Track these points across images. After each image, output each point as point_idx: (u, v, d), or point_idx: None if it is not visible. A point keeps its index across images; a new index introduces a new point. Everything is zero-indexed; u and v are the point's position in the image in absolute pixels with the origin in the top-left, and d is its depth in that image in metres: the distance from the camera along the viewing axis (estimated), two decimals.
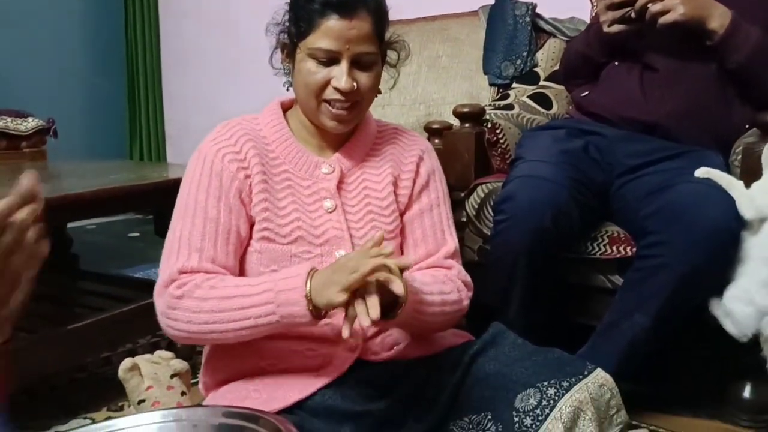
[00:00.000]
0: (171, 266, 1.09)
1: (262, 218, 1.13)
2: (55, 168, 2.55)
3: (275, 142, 1.19)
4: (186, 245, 1.10)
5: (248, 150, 1.15)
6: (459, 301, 1.19)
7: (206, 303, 1.05)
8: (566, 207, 1.47)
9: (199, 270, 1.08)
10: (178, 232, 1.12)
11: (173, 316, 1.07)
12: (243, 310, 1.03)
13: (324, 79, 1.12)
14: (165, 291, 1.08)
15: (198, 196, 1.12)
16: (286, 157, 1.18)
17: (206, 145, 1.17)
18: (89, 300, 2.06)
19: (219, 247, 1.10)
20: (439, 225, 1.25)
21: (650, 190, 1.51)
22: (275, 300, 1.01)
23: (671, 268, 1.38)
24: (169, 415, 1.00)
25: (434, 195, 1.26)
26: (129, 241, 3.87)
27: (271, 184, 1.15)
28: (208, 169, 1.14)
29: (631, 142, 1.64)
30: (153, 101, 4.42)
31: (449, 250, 1.24)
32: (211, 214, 1.11)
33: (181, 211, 1.13)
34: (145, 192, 1.84)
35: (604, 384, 1.11)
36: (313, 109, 1.15)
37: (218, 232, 1.11)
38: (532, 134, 1.77)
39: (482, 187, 1.76)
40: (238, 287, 1.05)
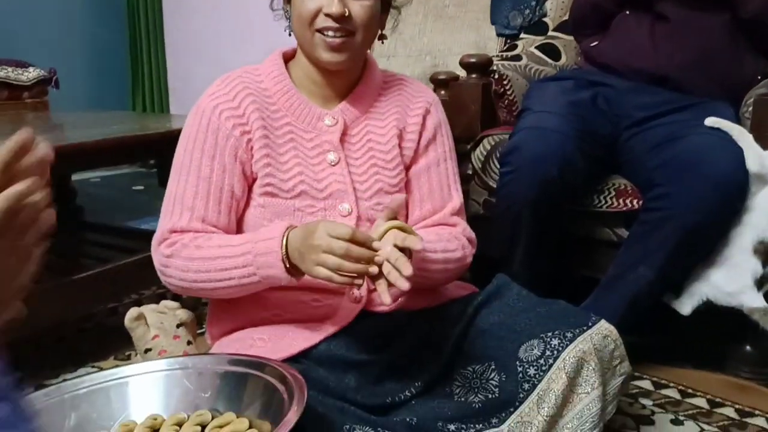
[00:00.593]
0: (164, 225, 1.10)
1: (265, 173, 1.12)
2: (58, 118, 2.54)
3: (276, 94, 1.16)
4: (179, 204, 1.10)
5: (247, 105, 1.13)
6: (463, 258, 1.20)
7: (193, 263, 1.06)
8: (573, 159, 1.45)
9: (189, 229, 1.09)
10: (173, 189, 1.12)
11: (167, 273, 1.10)
12: (226, 271, 1.05)
13: (316, 6, 1.08)
14: (158, 249, 1.10)
15: (193, 154, 1.12)
16: (288, 110, 1.16)
17: (204, 100, 1.15)
18: (95, 251, 2.07)
19: (210, 206, 1.10)
20: (445, 180, 1.24)
21: (658, 142, 1.49)
22: (254, 262, 1.02)
23: (677, 221, 1.37)
24: (175, 363, 1.01)
25: (441, 149, 1.24)
26: (133, 194, 3.87)
27: (272, 138, 1.13)
28: (205, 125, 1.12)
29: (640, 93, 1.61)
30: (155, 51, 4.37)
31: (455, 206, 1.24)
32: (204, 172, 1.11)
33: (177, 168, 1.13)
34: (148, 143, 1.83)
35: (608, 335, 1.12)
36: (308, 41, 1.11)
37: (210, 191, 1.10)
38: (540, 85, 1.75)
39: (488, 139, 1.74)
40: (220, 248, 1.06)
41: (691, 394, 1.49)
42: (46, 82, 2.86)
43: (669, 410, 1.42)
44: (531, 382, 1.06)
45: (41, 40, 3.75)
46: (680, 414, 1.40)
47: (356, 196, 1.15)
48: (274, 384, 0.90)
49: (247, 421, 0.89)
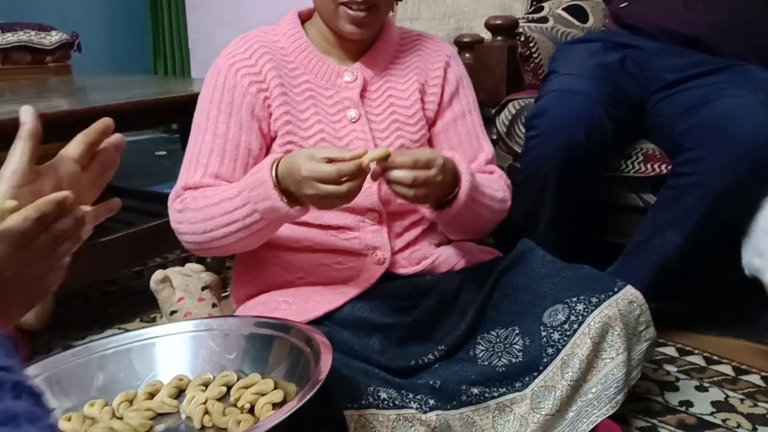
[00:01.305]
0: (178, 183, 1.11)
1: (285, 131, 1.12)
2: (81, 82, 2.54)
3: (294, 52, 1.15)
4: (195, 162, 1.10)
5: (264, 63, 1.12)
6: (505, 201, 1.19)
7: (200, 212, 1.05)
8: (600, 122, 1.42)
9: (201, 185, 1.09)
10: (191, 148, 1.12)
11: (181, 230, 1.09)
12: (229, 214, 1.03)
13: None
14: (172, 206, 1.10)
15: (210, 113, 1.11)
16: (306, 68, 1.15)
17: (221, 59, 1.14)
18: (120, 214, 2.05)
19: (225, 163, 1.10)
20: (473, 131, 1.23)
21: (688, 105, 1.46)
22: (250, 198, 1.00)
23: (706, 185, 1.34)
24: (200, 324, 1.02)
25: (465, 101, 1.23)
26: (156, 159, 3.89)
27: (291, 96, 1.13)
28: (221, 84, 1.11)
29: (671, 55, 1.57)
30: (176, 15, 4.35)
31: (487, 155, 1.23)
32: (220, 130, 1.10)
33: (195, 128, 1.13)
34: (170, 106, 1.83)
35: (634, 301, 1.11)
36: (331, 13, 1.10)
37: (226, 148, 1.10)
38: (567, 48, 1.71)
39: (514, 103, 1.72)
40: (223, 192, 1.05)
41: (717, 360, 1.48)
42: (69, 45, 2.85)
43: (694, 377, 1.41)
44: (555, 346, 1.05)
45: (63, 4, 3.74)
46: (705, 380, 1.39)
47: None
48: (300, 346, 0.90)
49: (273, 382, 0.90)
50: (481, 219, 1.14)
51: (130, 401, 0.92)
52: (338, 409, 0.92)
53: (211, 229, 1.05)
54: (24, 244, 0.55)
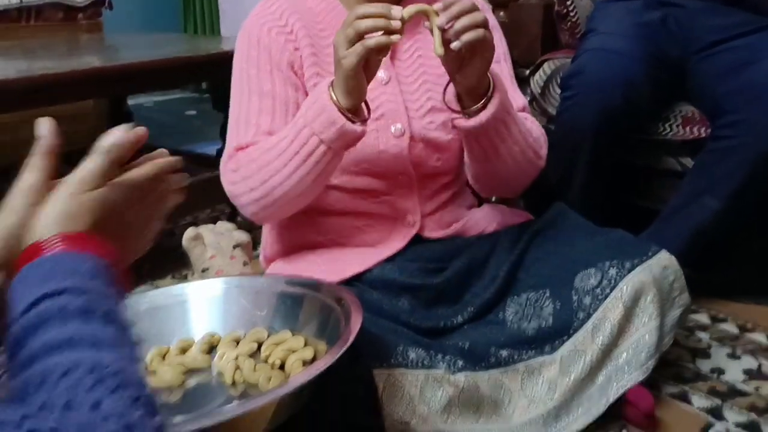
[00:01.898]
0: (229, 145, 1.08)
1: None
2: (111, 40, 2.54)
3: (322, 12, 1.13)
4: (244, 123, 1.08)
5: (294, 22, 1.10)
6: (539, 144, 1.13)
7: (256, 162, 1.02)
8: (638, 83, 1.38)
9: (254, 143, 1.06)
10: (236, 111, 1.10)
11: (236, 192, 1.05)
12: (287, 151, 0.99)
13: None
14: (225, 168, 1.07)
15: (249, 72, 1.09)
16: (335, 28, 1.10)
17: (250, 21, 1.12)
18: None
19: (277, 120, 1.07)
20: (505, 81, 1.19)
21: (730, 66, 1.41)
22: (315, 128, 0.96)
23: (748, 149, 1.30)
24: (232, 282, 1.03)
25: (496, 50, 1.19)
26: (186, 119, 3.90)
27: (321, 57, 1.10)
28: (255, 44, 1.09)
29: (714, 14, 1.51)
30: None
31: (519, 105, 1.16)
32: (265, 87, 1.08)
33: (236, 90, 1.11)
34: (200, 64, 1.82)
35: (668, 266, 1.09)
36: None
37: (275, 105, 1.07)
38: (606, 5, 1.65)
39: (549, 63, 1.68)
40: (276, 137, 1.02)
41: (750, 329, 1.46)
42: (100, 3, 2.85)
43: (726, 344, 1.39)
44: (586, 311, 1.05)
45: None
46: (738, 348, 1.37)
47: (408, 115, 1.12)
48: (330, 304, 0.91)
49: (303, 339, 0.90)
50: (513, 155, 1.08)
51: (162, 356, 0.93)
52: (367, 368, 0.92)
53: (271, 175, 1.00)
54: (141, 196, 0.63)
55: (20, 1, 2.65)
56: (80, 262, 0.52)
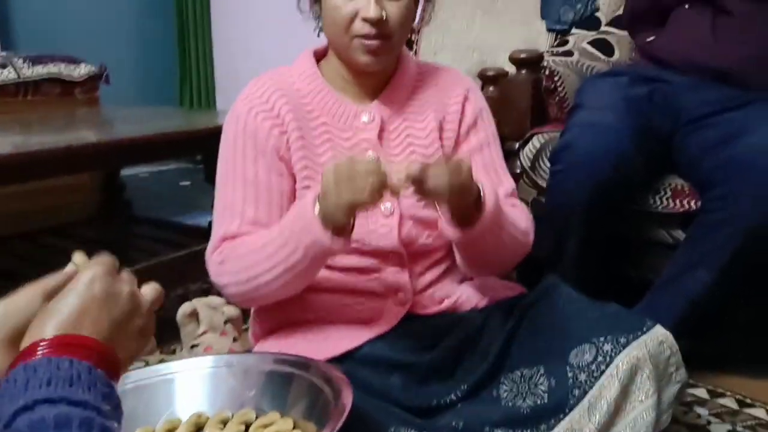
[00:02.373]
0: (215, 235, 1.09)
1: (303, 176, 1.10)
2: (108, 114, 2.58)
3: (310, 93, 1.14)
4: (229, 212, 1.09)
5: (281, 106, 1.10)
6: (527, 233, 1.15)
7: (243, 260, 1.04)
8: (629, 156, 1.40)
9: (239, 234, 1.07)
10: (221, 199, 1.11)
11: (223, 282, 1.07)
12: (273, 256, 1.01)
13: (351, 12, 1.05)
14: (211, 259, 1.08)
15: (236, 160, 1.10)
16: (322, 109, 1.13)
17: (238, 105, 1.13)
18: (142, 244, 2.09)
19: (261, 208, 1.08)
20: (491, 165, 1.19)
21: (718, 140, 1.43)
22: (299, 240, 0.98)
23: (738, 222, 1.31)
24: (220, 360, 1.01)
25: (483, 134, 1.19)
26: (180, 190, 3.91)
27: (309, 140, 1.11)
28: (242, 130, 1.10)
29: (700, 90, 1.55)
30: (203, 47, 4.42)
31: (507, 189, 1.18)
32: (249, 176, 1.09)
33: (222, 177, 1.12)
34: (194, 138, 1.84)
35: (664, 341, 1.07)
36: (345, 46, 1.09)
37: (258, 194, 1.08)
38: (593, 81, 1.69)
39: (538, 136, 1.70)
40: (263, 236, 1.04)
41: (750, 404, 1.43)
42: (97, 77, 2.90)
43: (726, 420, 1.37)
44: (582, 388, 1.02)
45: (92, 36, 3.81)
46: (738, 424, 1.35)
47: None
48: (319, 384, 0.89)
49: (292, 421, 0.88)
50: (503, 249, 1.11)
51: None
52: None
53: (256, 275, 1.03)
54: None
55: (18, 77, 2.70)
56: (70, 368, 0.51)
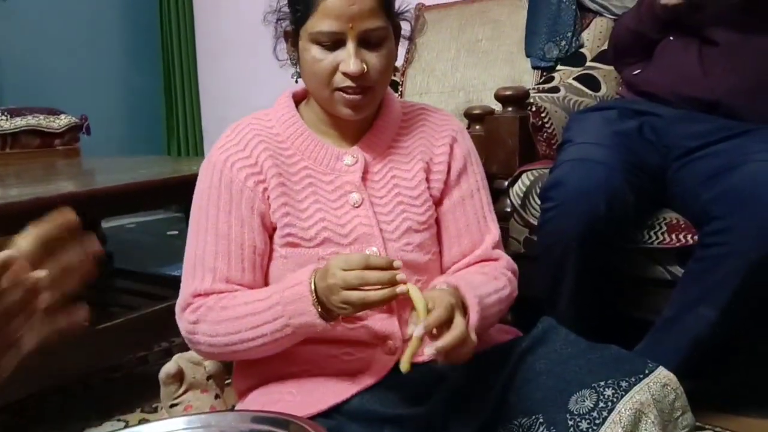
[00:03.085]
0: (186, 290, 1.05)
1: (285, 223, 1.06)
2: (89, 164, 2.55)
3: (290, 138, 1.10)
4: (200, 266, 1.05)
5: (260, 153, 1.07)
6: (511, 294, 1.13)
7: (221, 326, 1.01)
8: (621, 192, 1.37)
9: (212, 291, 1.03)
10: (192, 251, 1.07)
11: (194, 340, 1.04)
12: (257, 329, 0.99)
13: (331, 65, 1.02)
14: (182, 315, 1.05)
15: (209, 212, 1.06)
16: (303, 153, 1.09)
17: (214, 153, 1.09)
18: (123, 298, 2.04)
19: (233, 265, 1.04)
20: (480, 211, 1.16)
21: (712, 172, 1.40)
22: (284, 313, 0.96)
23: (740, 256, 1.27)
24: (196, 421, 0.95)
25: (473, 179, 1.16)
26: (167, 239, 3.87)
27: (289, 186, 1.07)
28: (217, 180, 1.06)
29: (690, 121, 1.53)
30: (189, 96, 4.42)
31: (494, 238, 1.16)
32: (221, 230, 1.05)
33: (194, 227, 1.08)
34: (175, 186, 1.80)
35: (668, 384, 1.03)
36: (326, 98, 1.05)
37: (231, 248, 1.04)
38: (581, 116, 1.67)
39: (528, 174, 1.67)
40: (247, 305, 1.00)
41: None
42: (78, 128, 2.89)
43: None
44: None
45: (75, 87, 3.81)
46: None
47: (384, 237, 1.07)
48: None
49: None
50: (490, 324, 1.09)
51: None
52: None
53: (234, 343, 1.01)
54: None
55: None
56: None
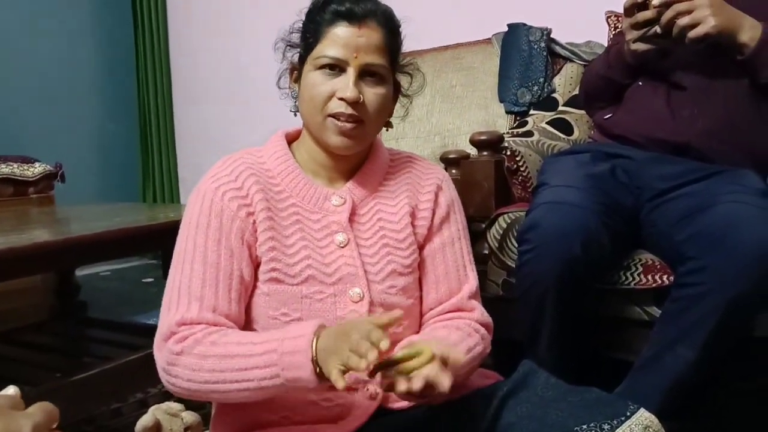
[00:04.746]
0: (170, 318, 1.01)
1: (269, 258, 1.05)
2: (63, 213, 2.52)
3: (280, 174, 1.11)
4: (186, 294, 1.02)
5: (251, 186, 1.07)
6: (484, 351, 1.14)
7: (207, 361, 0.97)
8: (596, 233, 1.38)
9: (200, 321, 1.00)
10: (178, 279, 1.04)
11: (173, 373, 0.99)
12: (245, 371, 0.95)
13: (329, 90, 1.06)
14: (164, 345, 1.00)
15: (197, 240, 1.04)
16: (292, 191, 1.10)
17: (205, 182, 1.09)
18: (97, 348, 2.01)
19: (221, 295, 1.02)
20: (461, 260, 1.18)
21: (685, 213, 1.42)
22: (279, 362, 0.93)
23: (716, 296, 1.28)
24: None
25: (455, 227, 1.18)
26: (143, 287, 3.82)
27: (277, 221, 1.07)
28: (207, 208, 1.06)
29: (661, 164, 1.55)
30: (165, 143, 4.41)
31: (471, 288, 1.17)
32: (211, 258, 1.03)
33: (180, 255, 1.06)
34: (150, 233, 1.79)
35: (650, 425, 1.02)
36: (318, 124, 1.08)
37: (219, 277, 1.03)
38: (555, 159, 1.69)
39: (504, 216, 1.68)
40: (240, 345, 0.97)
41: None
42: (53, 176, 2.87)
43: None
44: None
45: (50, 135, 3.79)
46: None
47: (368, 279, 1.08)
48: None
49: None
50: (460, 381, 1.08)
51: None
52: None
53: (215, 381, 0.97)
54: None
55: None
56: None
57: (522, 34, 2.43)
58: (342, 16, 1.06)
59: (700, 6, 1.44)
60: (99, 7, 4.26)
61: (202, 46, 4.23)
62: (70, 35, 4.06)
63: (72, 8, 4.09)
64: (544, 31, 2.41)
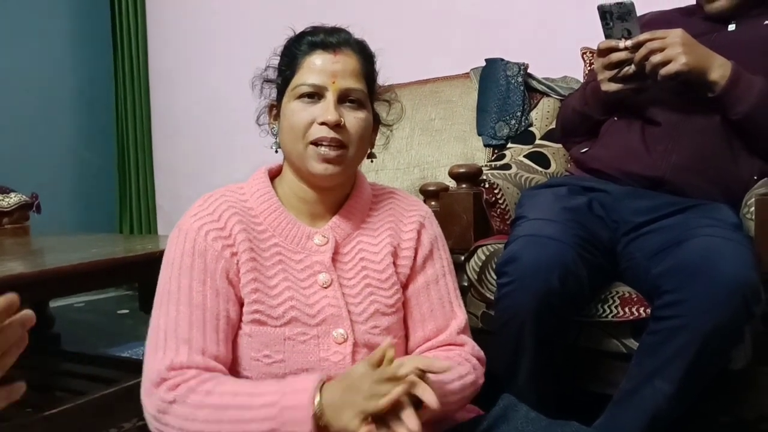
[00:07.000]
0: (159, 363, 0.98)
1: (252, 299, 1.04)
2: (38, 243, 2.48)
3: (263, 213, 1.10)
4: (173, 337, 1.00)
5: (233, 225, 1.06)
6: (475, 382, 1.13)
7: (201, 411, 0.94)
8: (574, 266, 1.39)
9: (190, 365, 0.98)
10: (163, 321, 1.02)
11: (164, 421, 0.96)
12: (241, 424, 0.93)
13: (309, 117, 1.06)
14: (155, 392, 0.97)
15: (181, 281, 1.03)
16: (275, 230, 1.10)
17: (187, 221, 1.08)
18: (70, 382, 1.95)
19: (208, 336, 1.01)
20: (446, 297, 1.17)
21: (660, 246, 1.43)
22: (279, 416, 0.91)
23: (693, 329, 1.28)
24: None
25: (439, 264, 1.18)
26: (118, 318, 3.75)
27: (260, 261, 1.06)
28: (190, 248, 1.04)
29: (636, 198, 1.57)
30: (144, 174, 4.37)
31: (460, 324, 1.17)
32: (196, 299, 1.02)
33: (164, 297, 1.04)
34: (126, 265, 1.76)
35: None
36: (300, 153, 1.07)
37: (206, 319, 1.01)
38: (532, 193, 1.71)
39: (483, 249, 1.69)
40: (236, 396, 0.95)
41: None
42: (28, 206, 2.83)
43: None
44: None
45: (26, 166, 3.74)
46: None
47: (351, 320, 1.07)
48: None
49: None
50: (452, 410, 1.08)
51: None
52: None
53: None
54: None
55: None
56: None
57: (500, 68, 2.46)
58: (317, 46, 1.08)
59: (672, 44, 1.48)
60: (78, 36, 4.24)
61: (182, 75, 4.22)
62: (47, 64, 4.04)
63: (50, 37, 4.07)
64: (521, 66, 2.45)
